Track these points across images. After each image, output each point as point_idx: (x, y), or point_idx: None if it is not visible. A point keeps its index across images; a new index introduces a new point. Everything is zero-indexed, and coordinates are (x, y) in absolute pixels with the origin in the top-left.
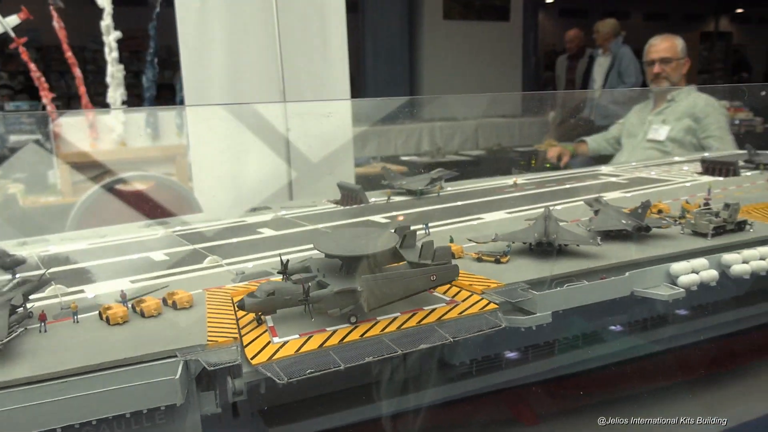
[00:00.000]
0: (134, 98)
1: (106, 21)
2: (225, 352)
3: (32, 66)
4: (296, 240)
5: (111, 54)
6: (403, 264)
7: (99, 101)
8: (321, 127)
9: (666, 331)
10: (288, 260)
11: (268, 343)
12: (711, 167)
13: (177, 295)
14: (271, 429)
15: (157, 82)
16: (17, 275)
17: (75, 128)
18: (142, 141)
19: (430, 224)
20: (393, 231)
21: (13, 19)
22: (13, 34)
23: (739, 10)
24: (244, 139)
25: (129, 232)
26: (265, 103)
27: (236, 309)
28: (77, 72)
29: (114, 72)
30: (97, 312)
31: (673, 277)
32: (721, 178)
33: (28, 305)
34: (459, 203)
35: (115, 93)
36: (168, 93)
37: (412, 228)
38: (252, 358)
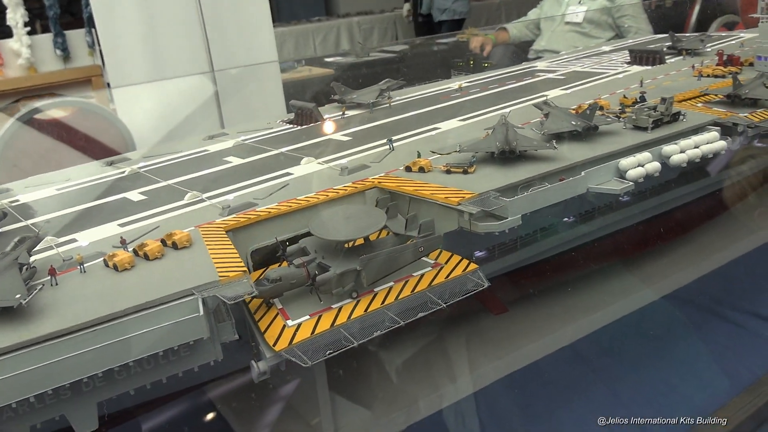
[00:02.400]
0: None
1: None
2: (239, 285)
3: None
4: (265, 167)
5: None
6: (390, 236)
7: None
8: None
9: (611, 217)
10: (287, 243)
11: (284, 327)
12: (638, 56)
13: (176, 235)
14: None
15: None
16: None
17: None
18: (53, 64)
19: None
20: (375, 205)
21: None
22: None
23: None
24: (163, 53)
25: (92, 172)
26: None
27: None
28: None
29: None
30: (102, 260)
31: (622, 171)
32: (649, 67)
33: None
34: (412, 113)
35: (15, 14)
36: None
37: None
38: (274, 345)
